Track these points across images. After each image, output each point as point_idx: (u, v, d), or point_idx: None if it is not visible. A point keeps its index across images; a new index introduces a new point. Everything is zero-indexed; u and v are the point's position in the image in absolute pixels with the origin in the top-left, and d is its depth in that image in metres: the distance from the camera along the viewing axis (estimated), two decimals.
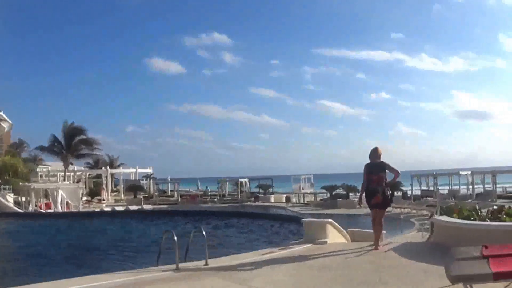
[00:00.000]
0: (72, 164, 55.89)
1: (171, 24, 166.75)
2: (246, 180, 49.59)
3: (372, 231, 10.65)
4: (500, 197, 35.86)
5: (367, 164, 9.78)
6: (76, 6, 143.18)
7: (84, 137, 52.61)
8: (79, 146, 52.80)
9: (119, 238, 19.13)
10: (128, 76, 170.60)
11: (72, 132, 51.85)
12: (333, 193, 39.58)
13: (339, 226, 12.53)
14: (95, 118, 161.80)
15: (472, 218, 9.70)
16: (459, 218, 9.90)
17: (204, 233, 9.27)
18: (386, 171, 9.72)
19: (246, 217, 23.61)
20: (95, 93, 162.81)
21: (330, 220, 12.18)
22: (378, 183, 9.51)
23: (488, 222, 9.21)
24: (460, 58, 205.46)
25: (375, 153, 9.76)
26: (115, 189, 63.66)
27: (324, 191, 42.99)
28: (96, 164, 72.93)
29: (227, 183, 52.66)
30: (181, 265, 8.75)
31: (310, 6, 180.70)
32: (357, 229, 17.58)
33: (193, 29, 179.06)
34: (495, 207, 12.55)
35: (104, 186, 55.91)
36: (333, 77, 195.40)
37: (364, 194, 10.21)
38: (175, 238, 8.73)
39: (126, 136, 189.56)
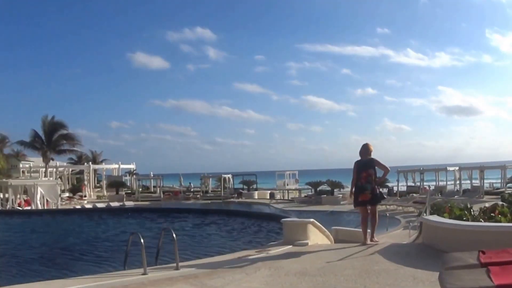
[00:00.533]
0: (53, 159, 54.56)
1: (154, 18, 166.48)
2: (229, 176, 48.67)
3: (358, 229, 10.69)
4: (487, 193, 35.43)
5: (357, 161, 9.60)
6: (59, 1, 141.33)
7: (65, 132, 51.32)
8: (60, 141, 51.46)
9: (93, 237, 18.26)
10: (111, 70, 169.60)
11: (53, 127, 50.49)
12: (318, 189, 38.96)
13: (322, 226, 11.81)
14: (78, 112, 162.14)
15: (464, 218, 9.02)
16: (450, 218, 9.20)
17: (174, 234, 8.45)
18: (376, 168, 9.53)
19: (226, 215, 22.83)
20: (77, 87, 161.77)
21: (311, 219, 11.48)
22: (367, 180, 9.35)
23: (483, 223, 8.51)
24: (447, 54, 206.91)
25: (365, 150, 9.58)
26: (98, 185, 62.74)
27: (309, 187, 42.34)
28: (79, 160, 72.30)
29: (210, 179, 51.77)
30: (150, 269, 8.00)
31: (293, 0, 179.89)
32: (341, 228, 16.94)
33: (176, 24, 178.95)
34: (486, 204, 11.86)
35: (86, 182, 54.79)
36: (318, 72, 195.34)
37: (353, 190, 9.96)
38: (142, 240, 7.98)
39: (110, 131, 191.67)
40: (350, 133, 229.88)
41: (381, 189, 9.81)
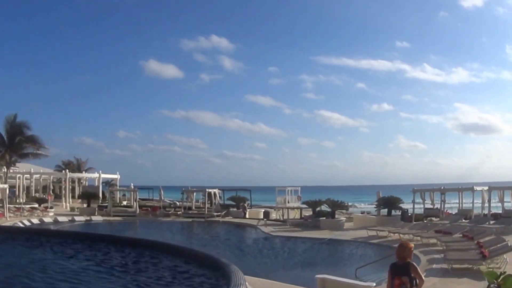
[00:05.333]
0: (14, 164, 48.70)
1: (169, 26, 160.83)
2: (216, 190, 42.16)
3: (353, 281, 9.84)
4: None
5: (392, 264, 8.02)
6: (74, 8, 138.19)
7: (28, 134, 45.36)
8: (22, 144, 45.48)
9: None
10: (122, 77, 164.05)
11: (15, 129, 44.64)
12: (317, 210, 32.27)
13: None
14: (85, 119, 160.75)
15: None
16: None
17: None
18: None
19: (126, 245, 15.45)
20: (86, 92, 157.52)
21: None
22: None
23: None
24: (465, 69, 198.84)
25: (402, 251, 7.84)
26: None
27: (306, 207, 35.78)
28: (67, 167, 67.51)
29: (194, 193, 45.19)
30: None
31: (310, 12, 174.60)
32: (329, 277, 10.62)
33: (192, 32, 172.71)
34: None
35: (51, 192, 48.76)
36: (332, 86, 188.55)
37: None
38: None
39: (117, 140, 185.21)
40: (363, 149, 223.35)
41: None
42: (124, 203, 49.11)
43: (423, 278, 8.02)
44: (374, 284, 10.61)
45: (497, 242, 15.82)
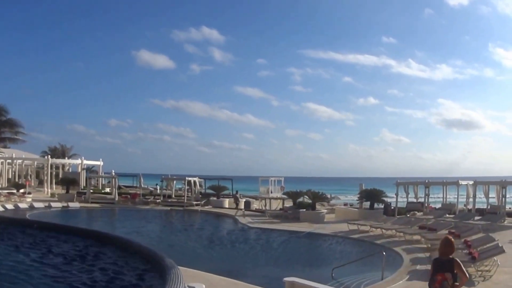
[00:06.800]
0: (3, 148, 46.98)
1: (161, 17, 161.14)
2: (197, 179, 40.82)
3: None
4: (508, 215, 27.80)
5: (435, 259, 7.82)
6: None
7: (4, 118, 43.43)
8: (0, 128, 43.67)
9: None
10: (114, 66, 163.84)
11: None
12: (297, 201, 30.99)
13: None
14: (76, 106, 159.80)
15: None
16: None
17: None
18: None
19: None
20: (77, 80, 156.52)
21: None
22: (441, 284, 7.44)
23: None
24: (449, 66, 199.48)
25: (446, 247, 7.61)
26: None
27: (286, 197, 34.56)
28: (54, 153, 66.36)
29: (175, 181, 43.86)
30: None
31: (300, 6, 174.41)
32: (299, 281, 9.33)
33: (183, 23, 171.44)
34: None
35: (29, 177, 47.09)
36: (320, 79, 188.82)
37: None
38: None
39: (108, 129, 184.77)
40: (348, 142, 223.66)
41: None
42: (107, 190, 47.65)
43: (467, 275, 7.82)
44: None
45: (486, 241, 14.64)
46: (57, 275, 9.53)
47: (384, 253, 13.60)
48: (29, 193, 40.66)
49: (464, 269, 7.66)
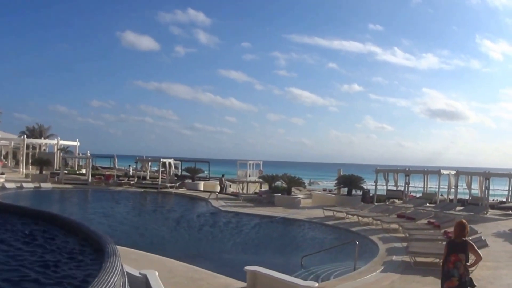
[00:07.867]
0: None
1: None
2: (172, 161, 39.59)
3: (290, 279, 8.37)
4: (491, 206, 26.97)
5: (449, 240, 8.33)
6: None
7: None
8: None
9: None
10: (98, 46, 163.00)
11: None
12: (273, 185, 29.95)
13: None
14: (59, 86, 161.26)
15: None
16: None
17: None
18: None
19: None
20: (61, 60, 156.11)
21: None
22: (455, 265, 7.84)
23: None
24: (435, 55, 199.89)
25: (461, 229, 7.98)
26: None
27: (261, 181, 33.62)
28: (32, 133, 65.74)
29: (150, 163, 42.59)
30: None
31: None
32: (261, 270, 8.18)
33: (169, 5, 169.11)
34: None
35: (3, 157, 45.51)
36: (304, 64, 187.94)
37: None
38: None
39: (90, 109, 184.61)
40: (330, 128, 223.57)
41: (469, 278, 7.79)
42: (83, 171, 46.26)
43: (481, 255, 8.03)
44: (316, 285, 8.22)
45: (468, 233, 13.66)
46: None
47: (357, 242, 12.55)
48: (2, 173, 39.24)
49: (478, 250, 8.02)
